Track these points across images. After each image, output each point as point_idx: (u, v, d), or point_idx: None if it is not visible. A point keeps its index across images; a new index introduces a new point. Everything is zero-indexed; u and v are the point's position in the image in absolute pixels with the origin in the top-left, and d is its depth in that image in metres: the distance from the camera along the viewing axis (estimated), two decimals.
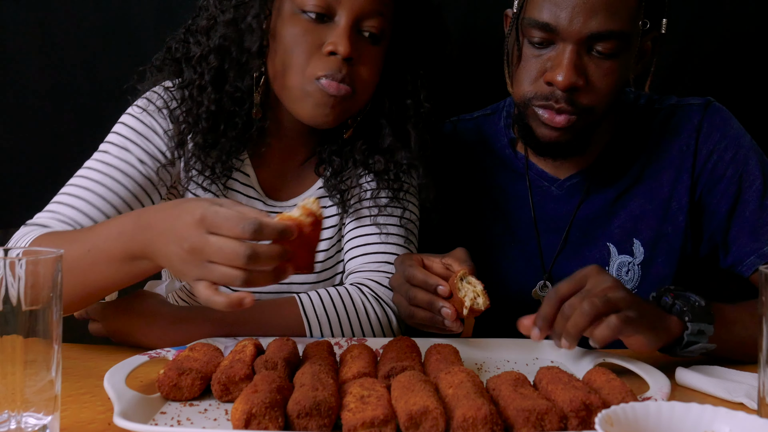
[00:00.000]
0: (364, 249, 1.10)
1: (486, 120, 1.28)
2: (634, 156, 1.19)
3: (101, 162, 1.03)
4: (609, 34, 1.00)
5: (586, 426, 0.64)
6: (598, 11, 0.99)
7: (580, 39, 1.01)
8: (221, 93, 1.03)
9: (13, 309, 0.59)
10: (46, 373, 0.61)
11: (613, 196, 1.18)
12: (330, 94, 0.98)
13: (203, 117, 1.02)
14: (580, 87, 1.03)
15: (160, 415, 0.70)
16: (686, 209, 1.16)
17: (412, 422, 0.62)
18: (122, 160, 1.03)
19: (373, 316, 1.01)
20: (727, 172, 1.14)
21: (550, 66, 1.04)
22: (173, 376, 0.74)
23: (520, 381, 0.71)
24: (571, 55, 1.01)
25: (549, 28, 1.01)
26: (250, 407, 0.63)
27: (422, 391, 0.66)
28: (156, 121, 1.05)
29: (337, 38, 0.97)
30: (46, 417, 0.61)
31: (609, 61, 1.03)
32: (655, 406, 0.58)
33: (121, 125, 1.06)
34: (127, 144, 1.04)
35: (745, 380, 0.84)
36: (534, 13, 1.03)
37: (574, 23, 1.00)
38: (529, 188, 1.21)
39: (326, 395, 0.65)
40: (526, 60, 1.07)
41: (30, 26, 1.46)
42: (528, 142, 1.13)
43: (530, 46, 1.06)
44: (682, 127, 1.18)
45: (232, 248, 0.71)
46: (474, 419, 0.61)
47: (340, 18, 0.98)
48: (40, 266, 0.60)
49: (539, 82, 1.05)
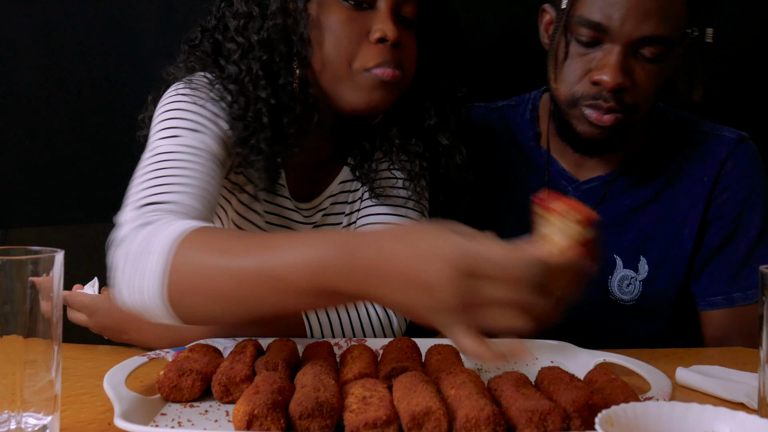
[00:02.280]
0: None
1: (511, 111, 1.28)
2: (656, 173, 1.18)
3: (180, 145, 0.88)
4: (658, 39, 1.01)
5: (589, 426, 0.64)
6: (651, 15, 0.99)
7: (630, 41, 1.01)
8: (276, 87, 0.96)
9: (13, 309, 0.59)
10: (46, 373, 0.61)
11: (628, 208, 1.18)
12: (385, 81, 0.97)
13: (264, 111, 0.94)
14: (627, 88, 1.03)
15: (160, 416, 0.70)
16: (695, 238, 1.16)
17: (415, 423, 0.62)
18: (201, 141, 0.90)
19: (374, 317, 1.01)
20: (731, 211, 1.15)
21: (595, 66, 1.04)
22: (173, 377, 0.73)
23: (521, 381, 0.71)
24: (619, 57, 1.01)
25: (600, 28, 1.01)
26: (251, 408, 0.62)
27: (424, 391, 0.66)
28: (216, 104, 0.95)
29: (383, 24, 0.96)
30: (46, 417, 0.61)
31: (653, 65, 1.03)
32: (655, 406, 0.58)
33: (181, 111, 0.93)
34: (197, 126, 0.91)
35: (745, 380, 0.84)
36: (585, 11, 1.02)
37: (626, 25, 1.00)
38: (547, 184, 1.21)
39: (328, 396, 0.65)
40: (571, 58, 1.06)
41: (30, 26, 1.46)
42: (566, 138, 1.13)
43: (576, 45, 1.05)
44: (709, 158, 1.17)
45: (521, 297, 0.59)
46: (477, 420, 0.61)
47: (381, 3, 0.97)
48: (40, 266, 0.60)
49: (585, 81, 1.05)
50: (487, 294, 0.59)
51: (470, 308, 0.60)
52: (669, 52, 1.03)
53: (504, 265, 0.59)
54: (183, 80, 0.98)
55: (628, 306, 1.18)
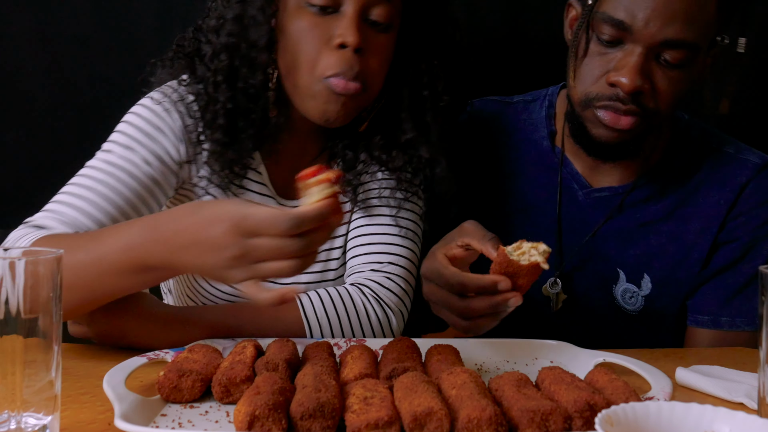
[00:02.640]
0: (365, 248, 1.09)
1: (526, 107, 1.24)
2: (672, 190, 1.14)
3: (105, 161, 0.99)
4: (682, 43, 0.97)
5: (590, 426, 0.64)
6: (677, 18, 0.96)
7: (653, 43, 0.97)
8: (235, 90, 1.01)
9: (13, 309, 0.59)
10: (45, 373, 0.61)
11: (637, 223, 1.15)
12: (339, 93, 0.96)
13: (220, 113, 1.00)
14: (644, 91, 0.99)
15: (160, 417, 0.70)
16: (703, 262, 1.13)
17: (417, 423, 0.62)
18: (127, 159, 0.99)
19: (373, 317, 1.01)
20: (743, 237, 1.12)
21: (614, 67, 1.00)
22: (173, 377, 0.73)
23: (522, 381, 0.71)
24: (640, 59, 0.98)
25: (623, 27, 0.97)
26: (253, 409, 0.62)
27: (426, 392, 0.66)
28: (164, 121, 1.02)
29: (345, 29, 0.95)
30: (46, 417, 0.61)
31: (675, 70, 0.99)
32: (655, 406, 0.58)
33: (127, 124, 1.02)
34: (132, 143, 1.00)
35: (745, 380, 0.84)
36: (609, 9, 0.99)
37: (650, 26, 0.96)
38: (559, 186, 1.17)
39: (329, 396, 0.65)
40: (591, 56, 1.03)
41: (30, 26, 1.45)
42: (579, 140, 1.10)
43: (597, 43, 1.02)
44: (729, 181, 1.13)
45: (287, 245, 0.70)
46: (479, 420, 0.61)
47: (347, 7, 0.96)
48: (40, 266, 0.60)
49: (601, 82, 1.02)
50: (262, 246, 0.71)
51: (250, 260, 0.71)
52: (693, 58, 0.99)
53: (270, 222, 0.70)
54: (152, 92, 1.03)
55: (632, 315, 1.16)
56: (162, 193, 1.03)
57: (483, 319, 0.85)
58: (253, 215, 0.71)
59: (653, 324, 1.16)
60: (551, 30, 1.51)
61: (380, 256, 1.08)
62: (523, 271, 0.81)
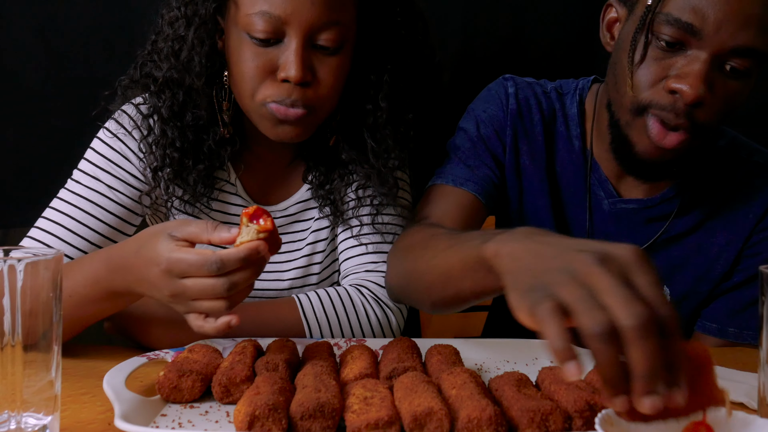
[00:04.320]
0: (355, 250, 1.09)
1: (559, 99, 1.15)
2: (698, 204, 1.08)
3: (72, 193, 1.01)
4: (752, 51, 0.89)
5: (590, 426, 0.64)
6: (751, 24, 0.87)
7: (722, 50, 0.89)
8: (183, 126, 1.00)
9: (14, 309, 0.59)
10: (45, 373, 0.61)
11: (661, 237, 1.09)
12: (280, 119, 0.94)
13: (171, 147, 0.99)
14: (705, 102, 0.91)
15: (160, 417, 0.70)
16: (726, 274, 1.09)
17: (417, 423, 0.62)
18: (93, 190, 1.01)
19: (373, 318, 1.01)
20: (764, 252, 1.07)
21: (675, 73, 0.92)
22: (173, 377, 0.73)
23: (522, 381, 0.71)
24: (705, 66, 0.89)
25: (691, 30, 0.89)
26: (253, 409, 0.62)
27: (426, 392, 0.66)
28: (126, 145, 1.02)
29: (288, 62, 0.90)
30: (46, 417, 0.61)
31: (737, 81, 0.92)
32: None
33: (92, 151, 1.03)
34: (97, 172, 1.01)
35: (745, 380, 0.84)
36: (675, 10, 0.90)
37: (722, 31, 0.87)
38: (588, 191, 1.10)
39: (329, 397, 0.65)
40: (648, 60, 0.94)
41: (30, 26, 1.45)
42: (620, 156, 1.01)
43: (655, 47, 0.93)
44: (759, 193, 1.07)
45: (211, 285, 0.75)
46: (479, 420, 0.61)
47: (290, 38, 0.90)
48: (40, 267, 0.60)
49: (658, 89, 0.93)
50: (192, 286, 0.76)
51: (185, 299, 0.77)
52: (756, 68, 0.91)
53: (198, 265, 0.75)
54: (112, 118, 1.04)
55: None
56: (135, 215, 1.04)
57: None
58: (183, 260, 0.76)
59: None
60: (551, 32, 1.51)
61: (373, 256, 1.08)
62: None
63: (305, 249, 1.11)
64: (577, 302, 0.53)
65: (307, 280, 1.13)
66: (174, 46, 0.98)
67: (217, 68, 1.00)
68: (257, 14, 0.89)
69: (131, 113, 1.04)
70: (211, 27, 0.97)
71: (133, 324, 0.97)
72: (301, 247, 1.11)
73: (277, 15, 0.89)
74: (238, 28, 0.93)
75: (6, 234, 0.98)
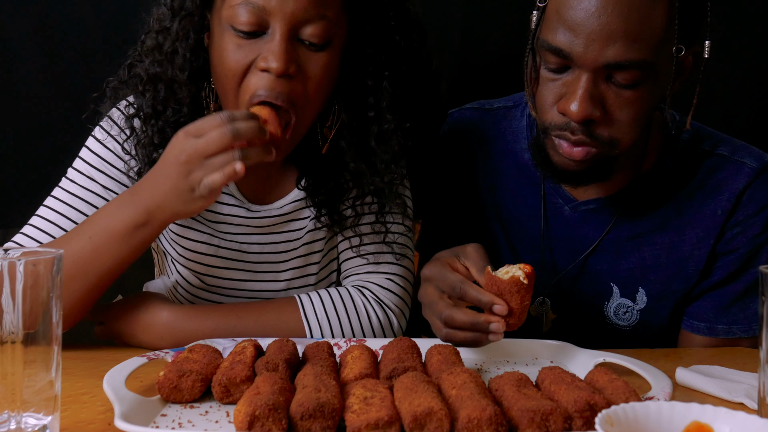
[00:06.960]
0: (356, 250, 1.08)
1: (506, 114, 1.17)
2: (664, 199, 1.08)
3: (67, 192, 1.02)
4: (629, 64, 0.89)
5: (590, 426, 0.64)
6: (617, 39, 0.88)
7: (596, 68, 0.90)
8: (164, 123, 0.99)
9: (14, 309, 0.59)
10: (45, 373, 0.61)
11: (629, 235, 1.09)
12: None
13: (149, 150, 0.99)
14: (596, 119, 0.92)
15: (160, 417, 0.70)
16: (700, 273, 1.09)
17: (417, 423, 0.62)
18: (87, 190, 1.02)
19: (374, 319, 1.01)
20: (742, 247, 1.07)
21: (565, 92, 0.94)
22: (173, 378, 0.73)
23: (522, 381, 0.71)
24: (587, 85, 0.91)
25: (563, 54, 0.91)
26: (253, 409, 0.62)
27: (426, 392, 0.66)
28: (119, 144, 1.02)
29: (271, 53, 0.89)
30: (46, 417, 0.61)
31: (630, 90, 0.92)
32: (655, 406, 0.58)
33: (86, 150, 1.04)
34: (91, 172, 1.02)
35: (745, 380, 0.84)
36: (548, 36, 0.92)
37: (589, 51, 0.89)
38: (543, 201, 1.11)
39: (329, 397, 0.65)
40: (543, 83, 0.96)
41: (30, 26, 1.46)
42: (543, 168, 1.03)
43: (545, 68, 0.96)
44: (726, 188, 1.07)
45: (218, 133, 0.82)
46: (479, 420, 0.61)
47: (274, 30, 0.89)
48: (40, 266, 0.60)
49: (554, 110, 0.96)
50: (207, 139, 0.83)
51: (201, 156, 0.83)
52: (648, 76, 0.91)
53: (209, 119, 0.84)
54: (106, 117, 1.04)
55: (624, 330, 1.13)
56: None
57: (463, 332, 0.84)
58: (196, 122, 0.85)
59: (647, 337, 1.12)
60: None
61: (374, 257, 1.07)
62: (506, 288, 0.82)
63: (301, 249, 1.10)
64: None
65: (306, 280, 1.12)
66: (158, 38, 0.98)
67: (205, 67, 0.98)
68: (241, 5, 0.89)
69: (122, 110, 1.04)
70: (198, 21, 0.96)
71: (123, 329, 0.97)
72: (297, 247, 1.10)
73: (260, 5, 0.89)
74: (222, 22, 0.92)
75: (6, 234, 0.98)
